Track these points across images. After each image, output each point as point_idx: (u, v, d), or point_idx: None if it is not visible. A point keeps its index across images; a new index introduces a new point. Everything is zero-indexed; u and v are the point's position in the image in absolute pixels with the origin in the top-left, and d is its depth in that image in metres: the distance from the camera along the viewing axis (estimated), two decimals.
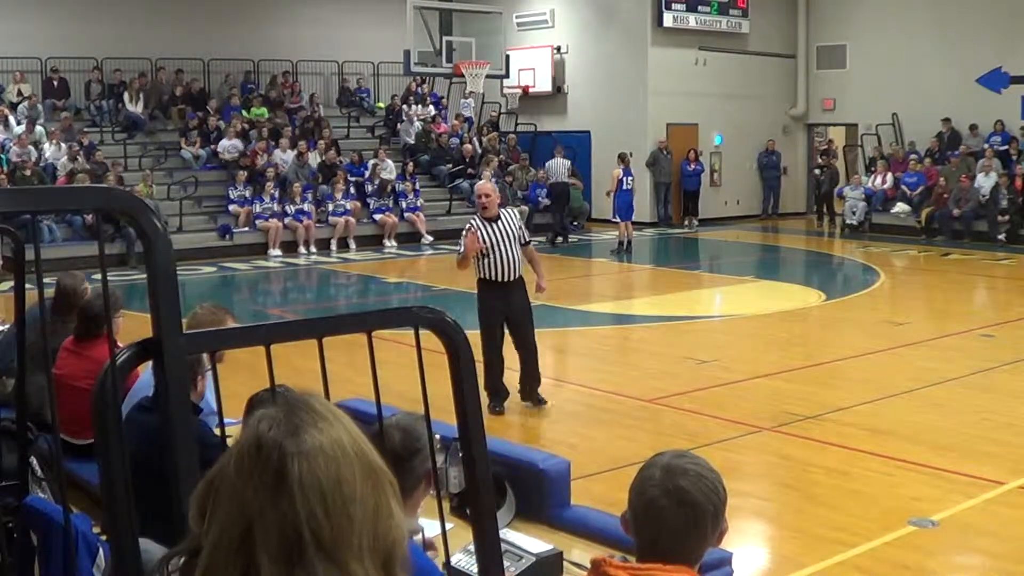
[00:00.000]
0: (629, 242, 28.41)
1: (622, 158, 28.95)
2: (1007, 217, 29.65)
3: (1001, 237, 29.34)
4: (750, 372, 14.80)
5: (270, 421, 2.12)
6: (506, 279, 12.47)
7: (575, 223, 33.47)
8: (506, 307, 12.60)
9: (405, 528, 2.21)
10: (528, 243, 12.83)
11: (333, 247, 29.41)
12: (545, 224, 32.46)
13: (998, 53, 31.75)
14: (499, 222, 12.49)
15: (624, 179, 28.26)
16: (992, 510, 9.45)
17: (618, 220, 28.34)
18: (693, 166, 34.11)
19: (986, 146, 31.77)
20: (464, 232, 12.48)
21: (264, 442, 2.10)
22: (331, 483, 2.09)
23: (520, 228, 12.72)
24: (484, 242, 12.28)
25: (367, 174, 31.53)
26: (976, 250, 28.45)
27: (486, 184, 13.58)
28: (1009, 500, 9.64)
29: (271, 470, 2.08)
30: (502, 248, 12.38)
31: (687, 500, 3.20)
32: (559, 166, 32.39)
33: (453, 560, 4.68)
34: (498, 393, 12.86)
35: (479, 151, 34.29)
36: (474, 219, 12.62)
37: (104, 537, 5.10)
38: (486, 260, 12.42)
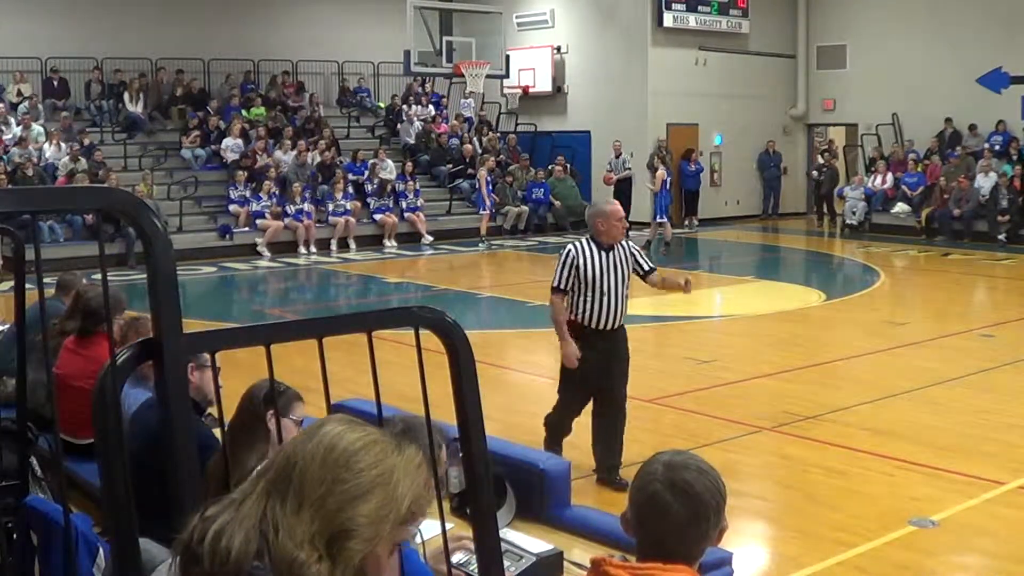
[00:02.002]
0: (668, 241, 28.51)
1: (663, 159, 28.94)
2: (1007, 217, 29.65)
3: (1001, 237, 29.34)
4: (750, 372, 14.79)
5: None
6: (611, 326, 9.94)
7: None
8: (606, 362, 9.98)
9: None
10: (653, 270, 10.49)
11: (333, 247, 29.41)
12: (544, 224, 32.56)
13: (998, 53, 31.76)
14: (614, 251, 9.93)
15: (668, 179, 28.31)
16: (992, 510, 9.44)
17: (664, 220, 28.34)
18: (693, 166, 34.12)
19: (986, 146, 31.78)
20: (564, 259, 9.85)
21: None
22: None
23: (638, 256, 10.25)
24: (589, 273, 9.72)
25: (367, 174, 31.53)
26: (976, 250, 28.45)
27: (617, 204, 10.31)
28: (1009, 500, 9.63)
29: None
30: (614, 286, 9.84)
31: (690, 494, 3.20)
32: (622, 163, 32.59)
33: (454, 559, 4.70)
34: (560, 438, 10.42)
35: (479, 151, 34.29)
36: (580, 242, 9.97)
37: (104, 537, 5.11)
38: (588, 300, 9.80)
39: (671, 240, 28.42)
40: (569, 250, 9.92)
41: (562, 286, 9.81)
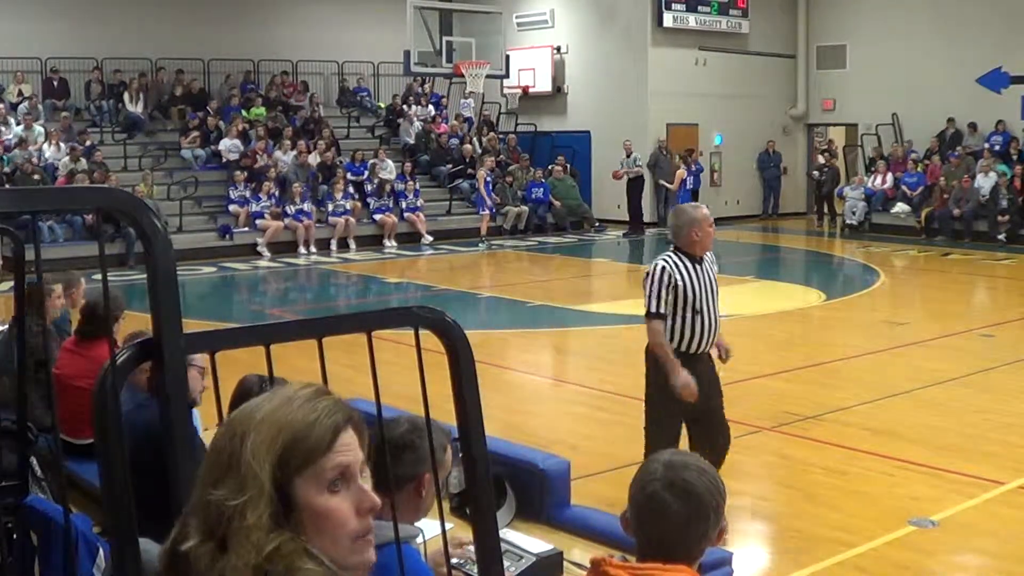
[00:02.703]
0: None
1: (684, 159, 28.89)
2: (1007, 217, 29.65)
3: (1001, 237, 29.34)
4: (750, 372, 14.77)
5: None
6: (704, 348, 8.77)
7: (590, 224, 33.51)
8: (706, 388, 8.70)
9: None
10: None
11: (333, 247, 29.41)
12: (544, 224, 32.60)
13: (998, 53, 31.76)
14: (705, 263, 8.76)
15: (688, 179, 28.21)
16: (992, 510, 9.45)
17: None
18: (693, 166, 34.12)
19: (986, 146, 31.80)
20: (659, 278, 8.56)
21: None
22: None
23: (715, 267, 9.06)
24: (688, 291, 8.53)
25: (367, 174, 31.53)
26: (976, 250, 28.45)
27: (705, 208, 9.02)
28: (1009, 500, 9.63)
29: None
30: (709, 303, 8.69)
31: (690, 493, 3.21)
32: (633, 162, 32.60)
33: (453, 560, 4.69)
34: None
35: (479, 151, 34.29)
36: (671, 257, 8.64)
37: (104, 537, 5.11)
38: (684, 321, 8.61)
39: None
40: (663, 267, 8.55)
41: (662, 310, 8.54)
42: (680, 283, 8.50)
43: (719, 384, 8.97)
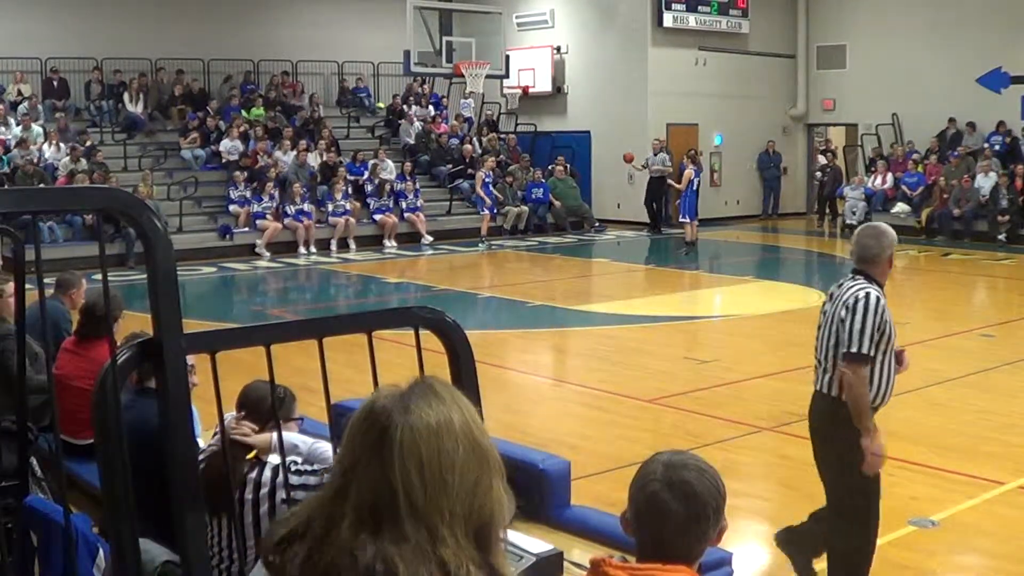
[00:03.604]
0: (695, 242, 28.39)
1: (692, 158, 28.88)
2: (1007, 217, 29.65)
3: (1001, 237, 29.34)
4: (750, 372, 14.79)
5: (386, 393, 2.39)
6: (884, 404, 7.34)
7: (590, 224, 33.53)
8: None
9: (506, 507, 2.49)
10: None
11: (333, 247, 29.39)
12: (544, 224, 32.64)
13: (998, 53, 31.77)
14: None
15: (695, 179, 28.20)
16: (992, 510, 9.45)
17: (687, 220, 28.24)
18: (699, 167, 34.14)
19: (986, 146, 31.80)
20: (876, 311, 6.93)
21: (375, 408, 2.37)
22: (431, 453, 2.32)
23: None
24: (890, 328, 7.04)
25: (367, 174, 31.53)
26: (976, 250, 28.45)
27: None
28: (1009, 500, 9.64)
29: (376, 431, 2.33)
30: (892, 345, 7.18)
31: (689, 493, 3.20)
32: (661, 161, 32.57)
33: None
34: None
35: (479, 151, 34.28)
36: (875, 287, 7.11)
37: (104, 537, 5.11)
38: (881, 366, 7.11)
39: (694, 241, 28.35)
40: (876, 297, 6.94)
41: (872, 352, 6.92)
42: (887, 319, 6.99)
43: None
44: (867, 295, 6.89)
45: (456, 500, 2.32)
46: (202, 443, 5.88)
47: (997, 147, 31.77)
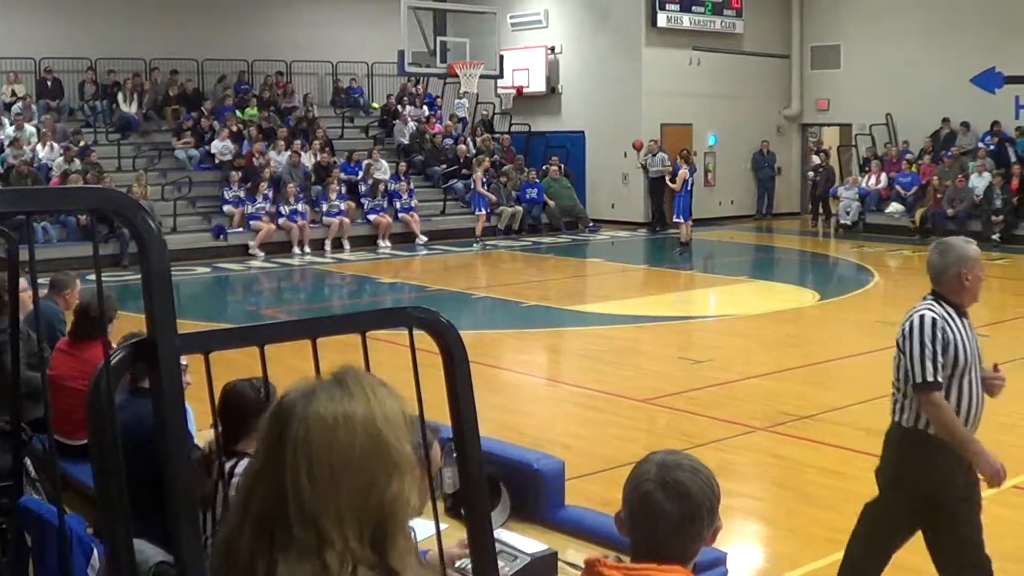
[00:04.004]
0: (689, 242, 28.43)
1: (686, 158, 28.91)
2: (1001, 217, 29.67)
3: (995, 237, 29.34)
4: (745, 372, 14.81)
5: (297, 387, 2.28)
6: (973, 431, 6.66)
7: (584, 224, 33.56)
8: (965, 484, 6.72)
9: (410, 508, 2.27)
10: None
11: (327, 247, 29.38)
12: (538, 224, 32.68)
13: (992, 53, 31.81)
14: (968, 316, 6.66)
15: (689, 179, 28.21)
16: (987, 509, 9.43)
17: (681, 220, 28.28)
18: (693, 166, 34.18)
19: (980, 145, 31.83)
20: (929, 332, 6.40)
21: (282, 403, 2.26)
22: (321, 449, 2.18)
23: None
24: (961, 352, 6.42)
25: (361, 174, 31.54)
26: None
27: (975, 246, 6.73)
28: (1003, 500, 9.63)
29: (277, 428, 2.22)
30: (976, 372, 6.63)
31: (683, 494, 3.20)
32: (660, 161, 32.59)
33: (460, 563, 4.72)
34: None
35: (473, 152, 34.28)
36: (937, 308, 6.51)
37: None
38: (953, 393, 6.50)
39: (688, 241, 28.39)
40: (933, 319, 6.43)
41: (940, 377, 6.40)
42: (951, 341, 6.42)
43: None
44: (921, 317, 6.48)
45: (347, 499, 2.19)
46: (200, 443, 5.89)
47: (991, 147, 31.79)
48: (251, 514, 2.21)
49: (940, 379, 6.35)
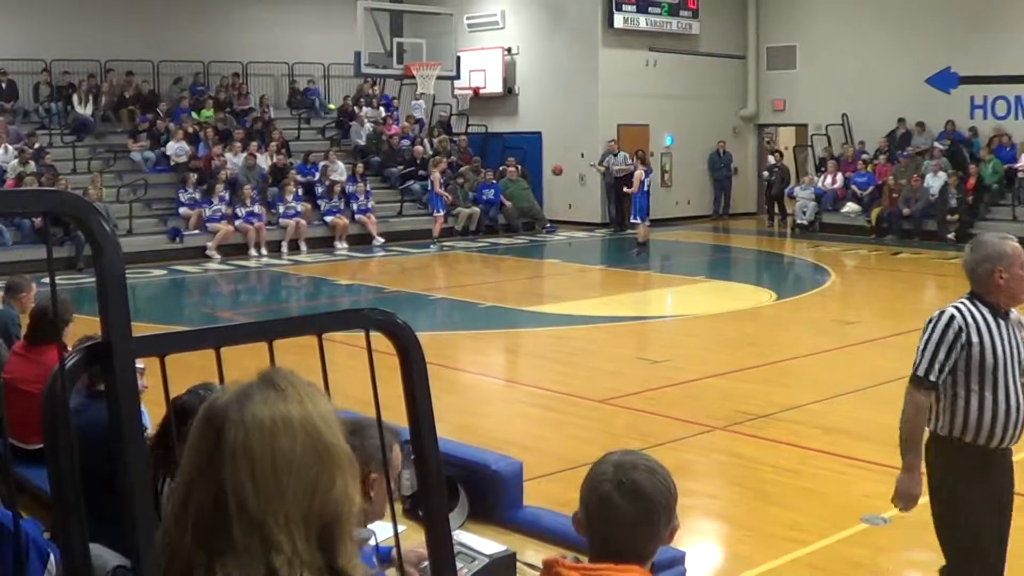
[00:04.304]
0: (646, 242, 28.47)
1: (642, 159, 28.95)
2: (956, 216, 29.84)
3: (950, 236, 29.50)
4: (702, 372, 14.85)
5: (225, 392, 2.23)
6: (1006, 443, 6.22)
7: (541, 225, 33.58)
8: (998, 504, 6.29)
9: (354, 505, 2.24)
10: None
11: (284, 249, 29.30)
12: (495, 225, 32.69)
13: (947, 53, 32.03)
14: (1011, 320, 6.29)
15: (645, 180, 28.24)
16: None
17: (638, 221, 28.32)
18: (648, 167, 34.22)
19: (936, 144, 32.02)
20: (942, 329, 6.15)
21: (214, 408, 2.21)
22: (264, 452, 2.15)
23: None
24: (988, 355, 6.09)
25: (317, 176, 31.48)
26: (926, 249, 28.63)
27: (1016, 241, 6.25)
28: None
29: (212, 435, 2.17)
30: (1015, 376, 6.20)
31: (640, 494, 3.20)
32: (622, 160, 32.61)
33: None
34: None
35: (430, 153, 34.25)
36: (963, 306, 6.21)
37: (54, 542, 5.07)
38: (981, 400, 6.14)
39: (645, 241, 28.44)
40: (951, 315, 6.16)
41: (932, 376, 6.24)
42: (977, 343, 6.10)
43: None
44: (940, 314, 6.19)
45: (293, 502, 2.16)
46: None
47: (946, 147, 31.98)
48: (187, 522, 2.17)
49: (933, 378, 6.19)
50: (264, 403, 2.20)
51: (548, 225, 33.61)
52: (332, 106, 36.90)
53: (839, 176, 33.01)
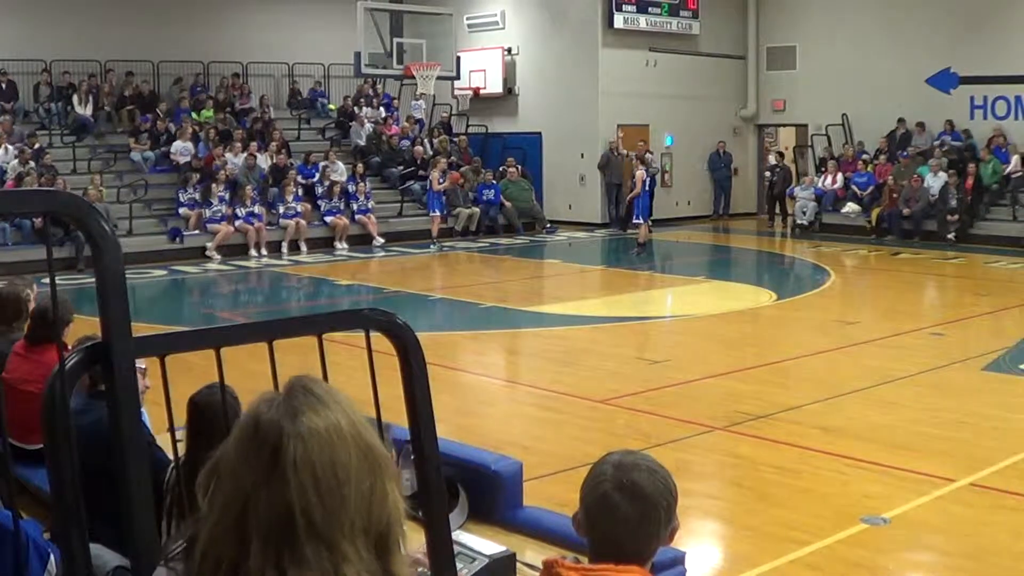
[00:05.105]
0: (646, 243, 28.47)
1: (642, 160, 28.95)
2: (956, 216, 29.82)
3: (951, 236, 29.50)
4: (702, 372, 14.83)
5: (269, 403, 2.19)
6: None
7: (541, 225, 33.56)
8: None
9: (402, 510, 2.26)
10: None
11: (284, 249, 29.27)
12: (495, 225, 32.66)
13: (947, 54, 32.00)
14: None
15: (647, 180, 28.24)
16: (943, 507, 9.50)
17: (640, 221, 28.30)
18: (650, 167, 34.14)
19: (936, 144, 31.99)
20: None
21: (262, 422, 2.17)
22: (325, 465, 2.14)
23: None
24: None
25: (317, 176, 31.47)
26: (926, 249, 28.62)
27: None
28: (960, 497, 9.69)
29: (268, 449, 2.14)
30: None
31: (640, 494, 3.19)
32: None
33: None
34: None
35: (430, 153, 34.22)
36: None
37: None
38: None
39: (646, 242, 28.44)
40: None
41: None
42: None
43: None
44: None
45: (355, 512, 2.16)
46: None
47: (946, 147, 31.96)
48: (244, 539, 2.14)
49: None
50: (315, 414, 2.18)
51: (548, 225, 33.58)
52: (332, 106, 36.86)
53: (839, 176, 32.98)
